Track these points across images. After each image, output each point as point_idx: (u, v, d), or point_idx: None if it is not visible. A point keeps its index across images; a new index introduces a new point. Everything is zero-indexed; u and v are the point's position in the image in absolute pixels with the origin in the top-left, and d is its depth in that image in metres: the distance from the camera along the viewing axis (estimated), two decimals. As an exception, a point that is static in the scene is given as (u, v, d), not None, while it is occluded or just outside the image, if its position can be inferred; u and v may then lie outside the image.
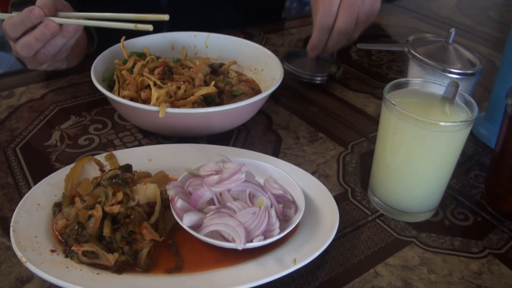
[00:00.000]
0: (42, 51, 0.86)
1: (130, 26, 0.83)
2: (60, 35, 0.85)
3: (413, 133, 0.63)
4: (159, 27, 0.85)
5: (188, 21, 1.18)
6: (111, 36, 0.90)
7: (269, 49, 0.96)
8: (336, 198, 0.70)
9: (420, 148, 0.64)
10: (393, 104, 0.62)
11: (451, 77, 0.75)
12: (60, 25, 0.84)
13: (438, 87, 0.67)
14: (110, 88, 0.86)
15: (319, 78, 1.01)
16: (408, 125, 0.62)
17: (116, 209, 0.57)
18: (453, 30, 0.79)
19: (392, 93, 0.67)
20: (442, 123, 0.61)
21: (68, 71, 1.00)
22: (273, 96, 0.81)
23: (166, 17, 0.83)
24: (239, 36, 1.05)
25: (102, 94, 0.77)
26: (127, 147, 0.80)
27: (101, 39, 1.05)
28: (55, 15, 0.86)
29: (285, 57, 1.03)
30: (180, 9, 1.24)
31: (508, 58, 0.82)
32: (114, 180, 0.60)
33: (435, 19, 1.55)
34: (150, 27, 0.82)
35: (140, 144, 0.82)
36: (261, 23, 1.38)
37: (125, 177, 0.61)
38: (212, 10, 1.30)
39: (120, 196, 0.59)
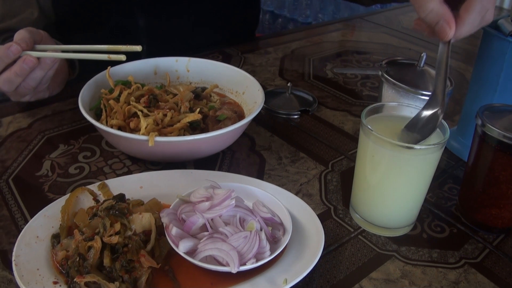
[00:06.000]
0: (23, 84, 0.89)
1: (104, 57, 0.87)
2: (39, 68, 0.87)
3: (389, 156, 0.66)
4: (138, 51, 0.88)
5: (165, 42, 1.20)
6: (92, 62, 0.93)
7: (247, 69, 0.99)
8: (320, 216, 0.73)
9: (396, 169, 0.67)
10: (370, 129, 0.66)
11: (424, 99, 0.79)
12: (38, 58, 0.86)
13: (412, 110, 0.72)
14: (97, 117, 0.88)
15: (295, 116, 1.04)
16: (384, 149, 0.66)
17: (115, 239, 0.60)
18: (424, 55, 0.83)
19: (369, 118, 0.71)
20: (416, 147, 0.65)
21: (52, 99, 1.02)
22: (254, 118, 0.85)
23: (138, 48, 0.86)
24: (218, 57, 1.08)
25: (88, 121, 0.80)
26: (117, 174, 0.83)
27: (82, 65, 1.08)
28: (33, 49, 0.89)
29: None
30: (157, 31, 1.27)
31: (478, 75, 0.85)
32: (111, 212, 0.63)
33: (405, 34, 1.59)
34: (123, 57, 0.85)
35: (129, 171, 0.84)
36: (237, 41, 1.41)
37: (122, 208, 0.64)
38: (189, 30, 1.33)
39: (117, 226, 0.62)
